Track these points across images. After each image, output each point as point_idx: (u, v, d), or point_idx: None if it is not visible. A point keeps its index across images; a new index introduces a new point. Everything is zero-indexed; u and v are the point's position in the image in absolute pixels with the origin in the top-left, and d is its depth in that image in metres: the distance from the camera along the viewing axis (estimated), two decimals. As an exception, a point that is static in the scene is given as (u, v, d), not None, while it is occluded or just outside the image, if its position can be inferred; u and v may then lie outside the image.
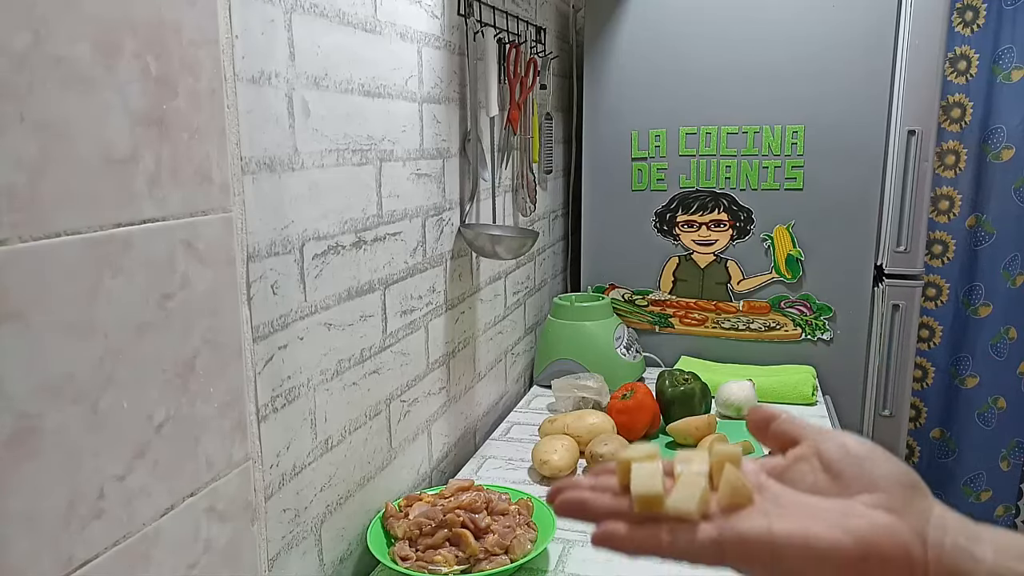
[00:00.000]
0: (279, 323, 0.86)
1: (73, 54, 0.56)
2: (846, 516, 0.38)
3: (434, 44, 1.22)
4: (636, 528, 0.40)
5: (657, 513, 0.39)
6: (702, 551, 0.39)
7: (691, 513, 0.39)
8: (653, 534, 0.39)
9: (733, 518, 0.39)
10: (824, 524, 0.38)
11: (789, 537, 0.38)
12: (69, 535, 0.58)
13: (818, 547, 0.37)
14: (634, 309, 1.99)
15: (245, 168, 0.79)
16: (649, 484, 0.39)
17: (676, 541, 0.39)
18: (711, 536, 0.39)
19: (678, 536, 0.39)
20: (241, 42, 0.77)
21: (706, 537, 0.39)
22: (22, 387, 0.53)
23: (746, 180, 1.84)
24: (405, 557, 1.00)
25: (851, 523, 0.38)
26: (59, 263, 0.56)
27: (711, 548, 0.39)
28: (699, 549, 0.39)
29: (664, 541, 0.39)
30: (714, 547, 0.39)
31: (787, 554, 0.38)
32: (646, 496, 0.39)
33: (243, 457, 0.79)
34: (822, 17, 1.72)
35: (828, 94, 1.75)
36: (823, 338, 1.85)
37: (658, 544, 0.40)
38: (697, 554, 0.39)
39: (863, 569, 0.37)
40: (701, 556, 0.39)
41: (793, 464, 0.42)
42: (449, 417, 1.39)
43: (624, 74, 1.88)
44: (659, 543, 0.39)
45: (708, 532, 0.39)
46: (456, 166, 1.34)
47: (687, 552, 0.39)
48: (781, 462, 0.43)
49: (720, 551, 0.39)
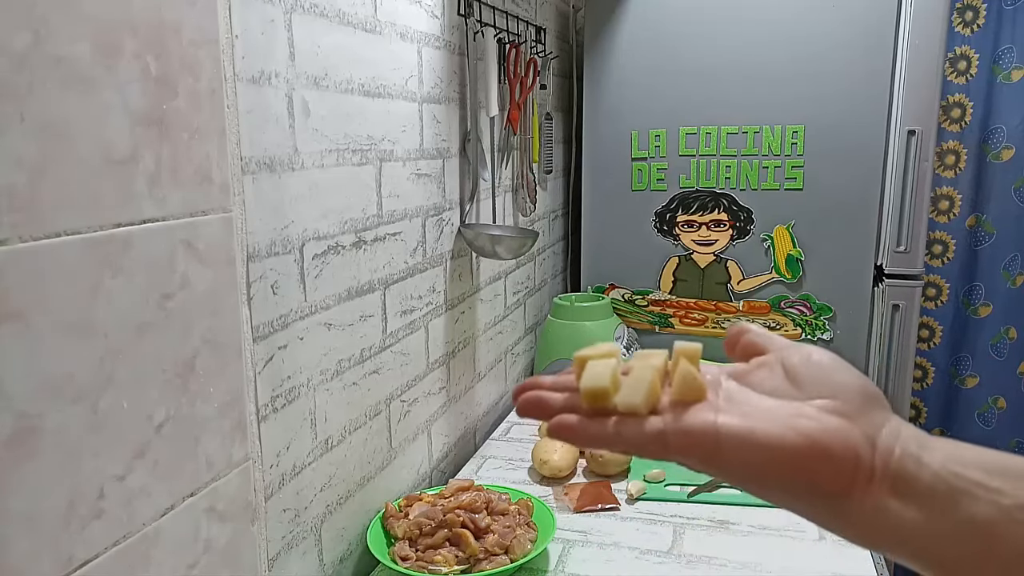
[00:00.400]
0: (279, 323, 0.86)
1: (73, 54, 0.56)
2: (797, 416, 0.38)
3: (434, 44, 1.22)
4: (587, 421, 0.40)
5: (608, 407, 0.40)
6: (647, 443, 0.39)
7: (637, 406, 0.39)
8: (602, 426, 0.40)
9: (681, 412, 0.39)
10: (772, 422, 0.38)
11: (734, 430, 0.38)
12: (69, 535, 0.58)
13: (762, 441, 0.37)
14: (634, 309, 1.99)
15: (245, 168, 0.79)
16: (598, 379, 0.40)
17: (622, 432, 0.40)
18: (657, 428, 0.39)
19: (625, 428, 0.40)
20: (241, 42, 0.77)
21: (652, 429, 0.39)
22: (22, 387, 0.53)
23: (746, 180, 1.84)
24: (405, 557, 1.00)
25: (800, 422, 0.38)
26: (59, 263, 0.56)
27: (656, 440, 0.39)
28: (644, 441, 0.39)
29: (611, 432, 0.40)
30: (659, 439, 0.39)
31: (730, 446, 0.38)
32: (593, 390, 0.40)
33: (243, 457, 0.79)
34: (822, 17, 1.72)
35: (828, 94, 1.74)
36: (823, 338, 1.85)
37: (606, 436, 0.40)
38: (642, 446, 0.40)
39: (807, 466, 0.37)
40: (646, 448, 0.40)
41: (755, 369, 0.42)
42: (449, 417, 1.39)
43: (624, 74, 1.88)
44: (607, 435, 0.40)
45: (654, 424, 0.39)
46: (456, 166, 1.34)
47: (633, 443, 0.40)
48: (744, 367, 0.43)
49: (664, 443, 0.39)
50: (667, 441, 0.39)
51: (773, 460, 0.37)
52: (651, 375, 0.40)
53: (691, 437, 0.38)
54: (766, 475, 0.38)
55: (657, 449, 0.39)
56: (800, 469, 0.37)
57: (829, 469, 0.37)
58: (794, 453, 0.37)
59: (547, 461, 1.30)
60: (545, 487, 1.29)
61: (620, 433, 0.40)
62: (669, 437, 0.39)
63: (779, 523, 1.16)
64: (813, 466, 0.37)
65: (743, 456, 0.38)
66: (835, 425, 0.38)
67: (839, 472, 0.37)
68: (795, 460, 0.37)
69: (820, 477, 0.37)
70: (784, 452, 0.37)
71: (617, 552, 1.10)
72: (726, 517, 1.18)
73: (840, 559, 1.07)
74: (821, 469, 0.37)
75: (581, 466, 1.36)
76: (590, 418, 0.40)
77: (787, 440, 0.37)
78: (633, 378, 0.40)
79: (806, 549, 1.09)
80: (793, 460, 0.37)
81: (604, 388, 0.40)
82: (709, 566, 1.06)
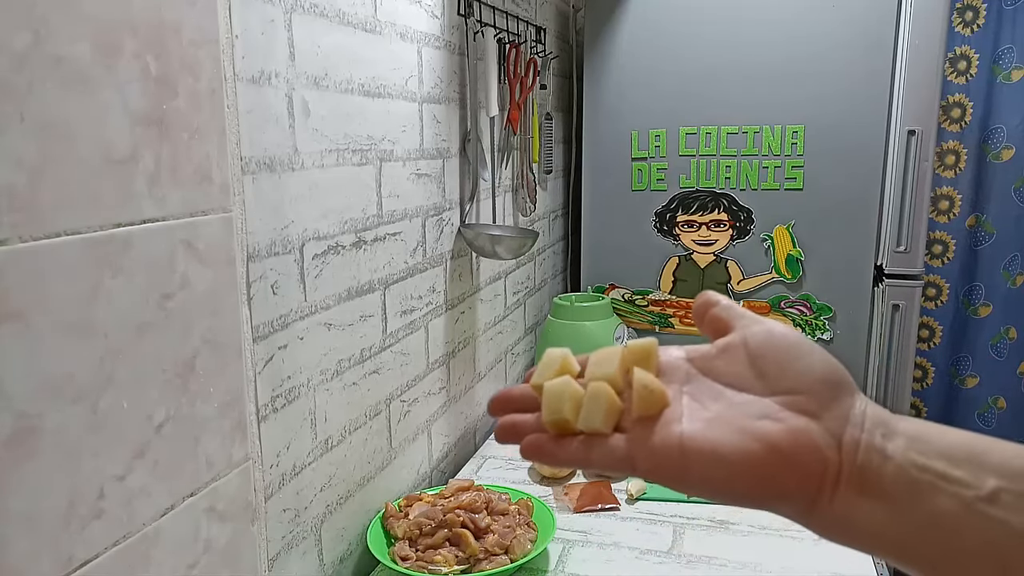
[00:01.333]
0: (279, 323, 0.86)
1: (73, 54, 0.56)
2: (761, 419, 0.37)
3: (434, 44, 1.22)
4: (556, 444, 0.41)
5: (574, 430, 0.40)
6: (616, 465, 0.39)
7: (599, 429, 0.39)
8: (570, 448, 0.40)
9: (644, 429, 0.39)
10: (735, 431, 0.37)
11: (699, 449, 0.37)
12: (69, 535, 0.58)
13: (727, 457, 0.37)
14: (634, 309, 1.99)
15: (245, 168, 0.79)
16: (556, 410, 0.40)
17: (591, 456, 0.40)
18: (622, 450, 0.39)
19: (593, 450, 0.40)
20: (241, 42, 0.77)
21: (619, 452, 0.39)
22: (22, 387, 0.53)
23: (746, 180, 1.84)
24: (405, 557, 1.00)
25: (764, 428, 0.37)
26: (59, 263, 0.56)
27: (624, 462, 0.39)
28: (613, 463, 0.40)
29: (581, 456, 0.40)
30: (626, 462, 0.39)
31: (697, 465, 0.37)
32: (556, 422, 0.40)
33: (243, 457, 0.79)
34: (822, 17, 1.72)
35: (828, 94, 1.75)
36: (823, 338, 1.85)
37: (576, 459, 0.40)
38: (613, 467, 0.40)
39: (773, 476, 0.37)
40: (617, 468, 0.40)
41: (720, 354, 0.41)
42: (449, 417, 1.39)
43: (624, 74, 1.88)
44: (577, 458, 0.40)
45: (620, 446, 0.39)
46: (456, 166, 1.34)
47: (604, 465, 0.40)
48: (710, 351, 0.42)
49: (632, 464, 0.39)
50: (635, 464, 0.39)
51: (740, 475, 0.37)
52: (607, 392, 0.39)
53: (657, 458, 0.38)
54: (734, 489, 0.38)
55: (628, 470, 0.39)
56: (767, 480, 0.37)
57: (795, 478, 0.37)
58: (760, 464, 0.36)
59: (547, 461, 1.30)
60: (545, 487, 1.29)
61: (589, 457, 0.40)
62: (636, 460, 0.39)
63: (779, 523, 1.16)
64: (780, 476, 0.37)
65: (710, 473, 0.37)
66: (800, 426, 0.37)
67: (806, 479, 0.37)
68: (761, 472, 0.37)
69: (787, 486, 0.37)
70: (750, 465, 0.37)
71: (617, 552, 1.10)
72: (726, 517, 1.18)
73: (840, 559, 1.07)
74: (787, 479, 0.37)
75: (581, 466, 1.36)
76: (558, 440, 0.41)
77: (752, 453, 0.37)
78: (591, 397, 0.40)
79: (806, 549, 1.09)
80: (759, 472, 0.37)
81: (566, 420, 0.40)
82: (709, 566, 1.06)
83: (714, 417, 0.38)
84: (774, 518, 1.28)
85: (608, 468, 0.40)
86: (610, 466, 0.40)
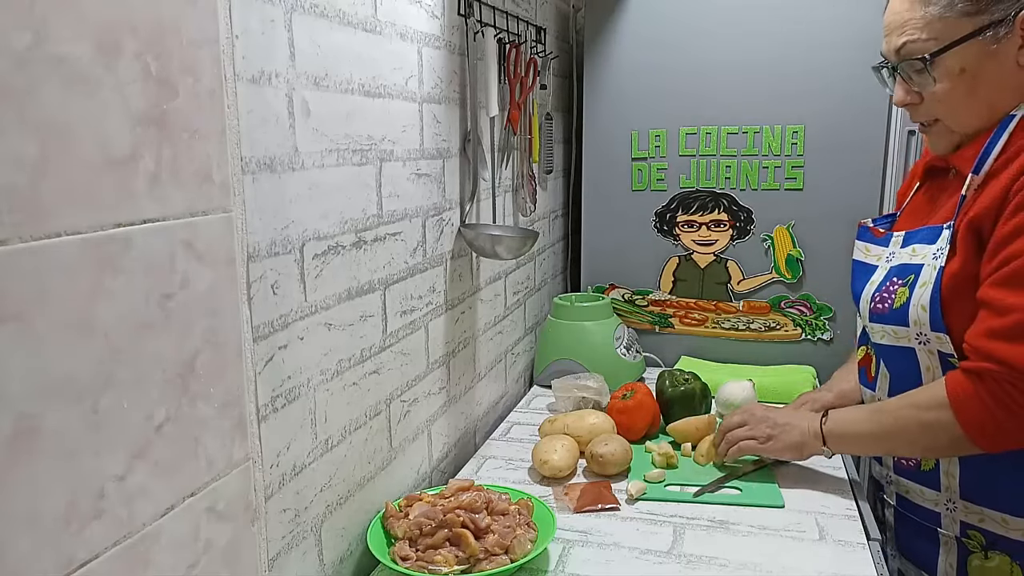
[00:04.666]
0: (279, 323, 0.86)
1: (73, 54, 0.56)
2: None
3: (434, 44, 1.22)
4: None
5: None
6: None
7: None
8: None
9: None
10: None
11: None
12: (69, 535, 0.58)
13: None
14: (634, 309, 1.99)
15: (245, 168, 0.79)
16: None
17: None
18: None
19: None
20: (241, 42, 0.77)
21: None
22: (22, 387, 0.53)
23: (746, 180, 1.84)
24: (405, 557, 1.00)
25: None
26: (59, 263, 0.56)
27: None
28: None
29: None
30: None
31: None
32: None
33: (243, 457, 0.79)
34: (822, 17, 1.72)
35: (828, 94, 1.75)
36: (823, 338, 1.85)
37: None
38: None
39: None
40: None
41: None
42: (449, 417, 1.39)
43: (624, 74, 1.88)
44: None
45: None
46: (456, 166, 1.34)
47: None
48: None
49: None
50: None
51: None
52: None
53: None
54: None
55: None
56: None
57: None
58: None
59: (547, 461, 1.30)
60: (545, 487, 1.29)
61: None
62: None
63: (779, 523, 1.16)
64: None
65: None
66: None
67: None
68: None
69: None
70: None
71: (617, 552, 1.10)
72: (726, 517, 1.18)
73: (840, 559, 1.07)
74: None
75: (581, 466, 1.36)
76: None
77: None
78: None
79: (806, 549, 1.09)
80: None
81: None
82: (709, 566, 1.06)
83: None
84: (774, 518, 1.31)
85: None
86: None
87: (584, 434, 1.38)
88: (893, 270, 1.11)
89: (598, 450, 1.31)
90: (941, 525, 1.10)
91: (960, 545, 1.08)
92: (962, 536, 1.08)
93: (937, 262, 1.03)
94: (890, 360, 1.12)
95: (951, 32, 0.99)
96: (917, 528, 1.14)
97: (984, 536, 1.06)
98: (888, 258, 1.14)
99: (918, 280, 1.05)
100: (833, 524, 1.16)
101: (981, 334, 0.97)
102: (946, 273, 1.01)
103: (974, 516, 1.06)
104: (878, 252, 1.19)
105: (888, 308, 1.08)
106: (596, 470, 1.32)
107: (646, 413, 1.46)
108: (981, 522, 1.06)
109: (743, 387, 1.58)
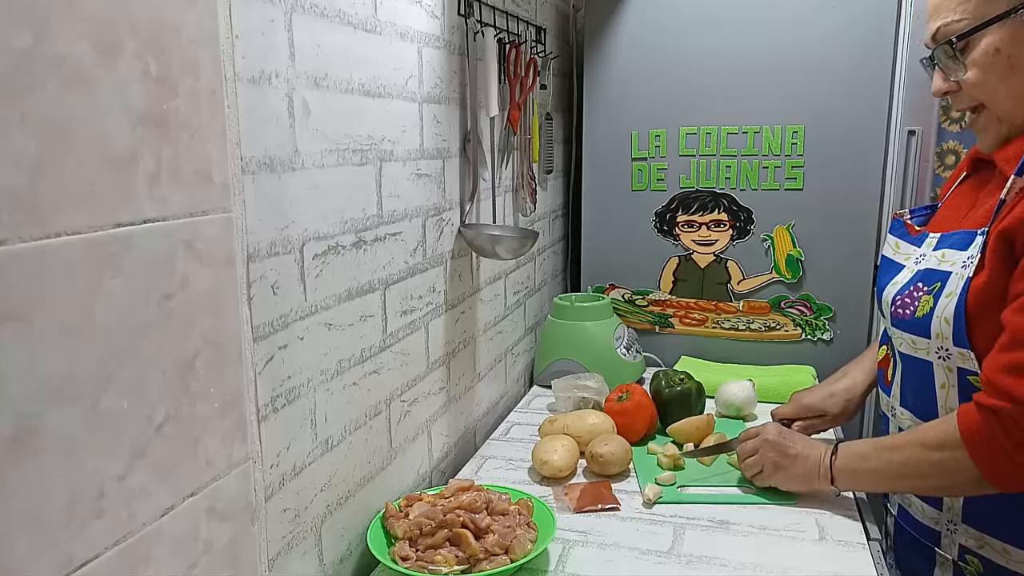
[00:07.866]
0: (279, 323, 0.86)
1: (73, 54, 0.56)
2: None
3: (434, 44, 1.22)
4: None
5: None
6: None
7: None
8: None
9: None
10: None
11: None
12: (69, 535, 0.58)
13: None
14: (634, 309, 1.99)
15: (245, 168, 0.79)
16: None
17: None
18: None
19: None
20: (241, 42, 0.77)
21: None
22: (22, 387, 0.53)
23: (746, 180, 1.84)
24: (405, 557, 1.00)
25: None
26: (59, 263, 0.56)
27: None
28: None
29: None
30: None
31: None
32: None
33: (243, 457, 0.79)
34: (822, 17, 1.72)
35: (828, 94, 1.75)
36: (823, 338, 1.85)
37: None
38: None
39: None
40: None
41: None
42: (449, 417, 1.39)
43: (624, 74, 1.88)
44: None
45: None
46: (456, 166, 1.34)
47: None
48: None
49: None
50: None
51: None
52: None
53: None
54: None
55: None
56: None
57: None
58: None
59: (547, 461, 1.30)
60: (545, 487, 1.29)
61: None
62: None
63: (779, 523, 1.16)
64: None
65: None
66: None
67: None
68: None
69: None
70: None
71: (617, 552, 1.10)
72: (726, 517, 1.18)
73: (840, 559, 1.07)
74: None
75: (581, 466, 1.36)
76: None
77: None
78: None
79: (806, 549, 1.09)
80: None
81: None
82: (709, 566, 1.06)
83: None
84: (774, 518, 1.31)
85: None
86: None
87: (584, 434, 1.38)
88: (919, 274, 1.04)
89: (598, 450, 1.31)
90: (940, 545, 1.06)
91: (957, 569, 1.04)
92: (960, 560, 1.04)
93: (966, 272, 0.95)
94: (908, 369, 1.06)
95: (983, 11, 0.94)
96: (915, 543, 1.11)
97: (982, 564, 1.01)
98: (917, 259, 1.07)
99: (944, 290, 0.97)
100: (833, 524, 1.15)
101: (999, 368, 0.90)
102: (972, 285, 0.94)
103: (974, 541, 1.02)
104: (908, 251, 1.11)
105: (911, 315, 1.02)
106: (596, 470, 1.32)
107: (644, 415, 1.46)
108: (981, 548, 1.01)
109: (743, 387, 1.58)
